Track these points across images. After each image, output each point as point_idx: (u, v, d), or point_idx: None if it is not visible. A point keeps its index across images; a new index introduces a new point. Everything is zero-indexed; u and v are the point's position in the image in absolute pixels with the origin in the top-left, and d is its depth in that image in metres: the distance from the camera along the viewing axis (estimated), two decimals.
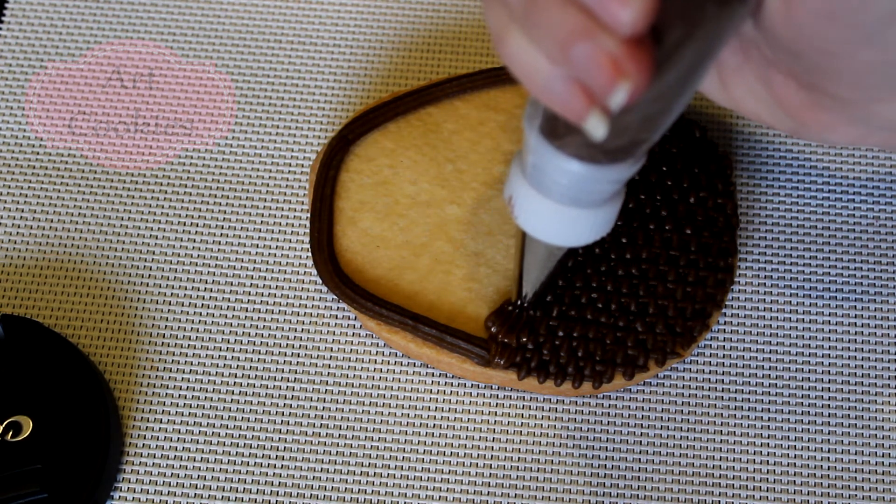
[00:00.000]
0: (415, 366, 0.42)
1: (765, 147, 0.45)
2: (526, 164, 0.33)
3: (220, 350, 0.42)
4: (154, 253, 0.43)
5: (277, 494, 0.40)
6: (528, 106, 0.32)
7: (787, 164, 0.45)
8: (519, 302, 0.40)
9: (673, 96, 0.29)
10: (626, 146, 0.31)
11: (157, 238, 0.44)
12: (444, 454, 0.40)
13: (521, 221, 0.34)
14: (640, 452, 0.40)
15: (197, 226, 0.44)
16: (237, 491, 0.40)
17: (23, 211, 0.44)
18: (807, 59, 0.31)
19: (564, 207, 0.33)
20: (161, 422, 0.41)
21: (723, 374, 0.41)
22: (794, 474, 0.40)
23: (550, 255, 0.38)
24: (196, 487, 0.40)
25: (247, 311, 0.42)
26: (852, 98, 0.32)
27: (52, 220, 0.44)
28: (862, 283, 0.43)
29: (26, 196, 0.45)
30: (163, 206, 0.44)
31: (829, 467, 0.40)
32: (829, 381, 0.41)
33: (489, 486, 0.40)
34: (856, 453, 0.40)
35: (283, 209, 0.44)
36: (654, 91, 0.29)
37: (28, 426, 0.39)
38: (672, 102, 0.30)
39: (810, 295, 0.43)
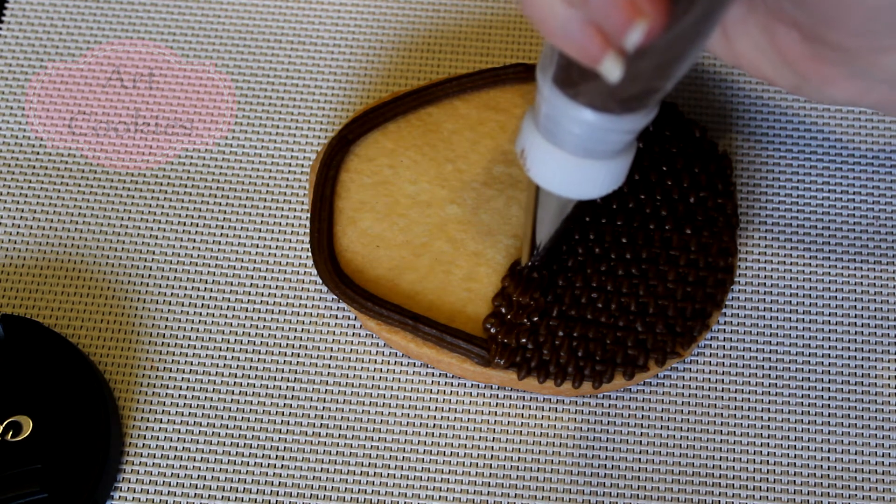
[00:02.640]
0: (415, 366, 0.42)
1: (765, 147, 0.45)
2: (539, 116, 0.33)
3: (220, 350, 0.42)
4: (154, 253, 0.43)
5: (277, 494, 0.40)
6: (542, 56, 0.32)
7: (787, 164, 0.45)
8: (529, 263, 0.40)
9: (687, 42, 0.30)
10: (640, 95, 0.31)
11: (157, 238, 0.44)
12: (444, 454, 0.40)
13: (533, 174, 0.34)
14: (640, 452, 0.40)
15: (197, 226, 0.44)
16: (237, 491, 0.40)
17: (23, 211, 0.44)
18: (813, 6, 0.31)
19: (577, 159, 0.33)
20: (161, 422, 0.41)
21: (723, 374, 0.41)
22: (794, 474, 0.40)
23: (561, 211, 0.37)
24: (196, 487, 0.40)
25: (247, 311, 0.42)
26: (856, 47, 0.33)
27: (52, 220, 0.44)
28: (862, 282, 0.43)
29: (26, 196, 0.45)
30: (163, 206, 0.44)
31: (829, 467, 0.40)
32: (829, 381, 0.41)
33: (489, 486, 0.40)
34: (856, 453, 0.40)
35: (283, 209, 0.44)
36: (670, 35, 0.29)
37: (28, 426, 0.39)
38: (686, 49, 0.30)
39: (810, 295, 0.43)
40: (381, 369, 0.42)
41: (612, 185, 0.34)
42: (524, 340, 0.40)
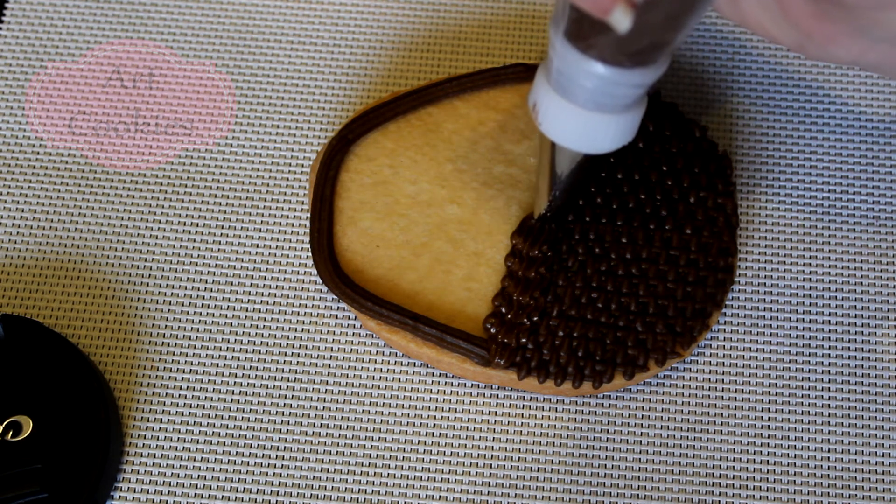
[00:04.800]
0: (415, 366, 0.42)
1: (765, 147, 0.45)
2: (551, 70, 0.34)
3: (220, 350, 0.42)
4: (154, 253, 0.43)
5: (277, 494, 0.40)
6: (555, 11, 0.33)
7: (788, 164, 0.45)
8: (543, 214, 0.41)
9: None
10: (649, 48, 0.32)
11: (157, 238, 0.44)
12: (444, 454, 0.40)
13: (544, 127, 0.35)
14: (640, 452, 0.40)
15: (197, 226, 0.44)
16: (237, 491, 0.40)
17: (23, 211, 0.44)
18: None
19: (588, 112, 0.34)
20: (161, 422, 0.41)
21: (723, 374, 0.41)
22: (794, 474, 0.40)
23: (572, 164, 0.38)
24: (196, 487, 0.40)
25: (247, 311, 0.42)
26: (858, 3, 0.33)
27: (52, 220, 0.44)
28: (862, 282, 0.43)
29: (26, 196, 0.45)
30: (163, 206, 0.44)
31: (829, 467, 0.40)
32: (829, 381, 0.41)
33: (489, 486, 0.40)
34: (856, 453, 0.40)
35: (283, 209, 0.44)
36: None
37: (28, 426, 0.39)
38: (694, 1, 0.31)
39: (810, 295, 0.43)
40: (381, 369, 0.42)
41: (622, 139, 0.35)
42: (524, 340, 0.40)
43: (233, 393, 0.41)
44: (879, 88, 0.46)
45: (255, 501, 0.40)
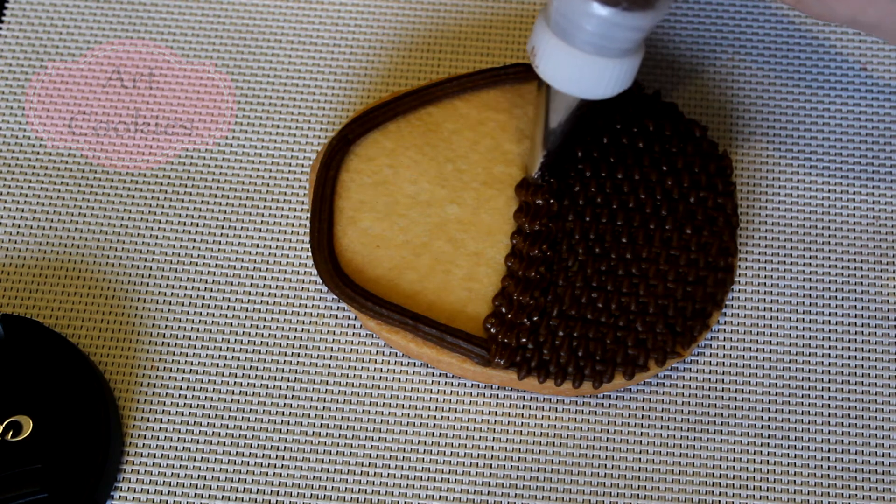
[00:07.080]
0: (415, 366, 0.42)
1: (765, 147, 0.45)
2: (550, 13, 0.34)
3: (220, 350, 0.42)
4: (154, 253, 0.43)
5: (277, 494, 0.40)
6: None
7: (788, 163, 0.45)
8: (538, 171, 0.41)
9: None
10: None
11: (157, 238, 0.44)
12: (444, 454, 0.40)
13: (542, 70, 0.36)
14: (640, 452, 0.40)
15: (197, 226, 0.44)
16: (237, 491, 0.40)
17: (23, 211, 0.44)
18: None
19: (586, 55, 0.34)
20: (161, 422, 0.41)
21: (723, 374, 0.41)
22: (794, 474, 0.40)
23: (566, 112, 0.38)
24: (196, 487, 0.40)
25: (247, 311, 0.42)
26: None
27: (52, 220, 0.44)
28: (862, 282, 0.43)
29: (26, 196, 0.45)
30: (163, 206, 0.44)
31: (829, 467, 0.40)
32: (829, 381, 0.41)
33: (489, 486, 0.40)
34: (856, 453, 0.40)
35: (283, 209, 0.44)
36: None
37: (28, 426, 0.39)
38: None
39: (810, 295, 0.43)
40: (381, 369, 0.42)
41: (620, 85, 0.35)
42: (524, 340, 0.40)
43: (233, 393, 0.41)
44: (879, 88, 0.46)
45: (255, 501, 0.40)
